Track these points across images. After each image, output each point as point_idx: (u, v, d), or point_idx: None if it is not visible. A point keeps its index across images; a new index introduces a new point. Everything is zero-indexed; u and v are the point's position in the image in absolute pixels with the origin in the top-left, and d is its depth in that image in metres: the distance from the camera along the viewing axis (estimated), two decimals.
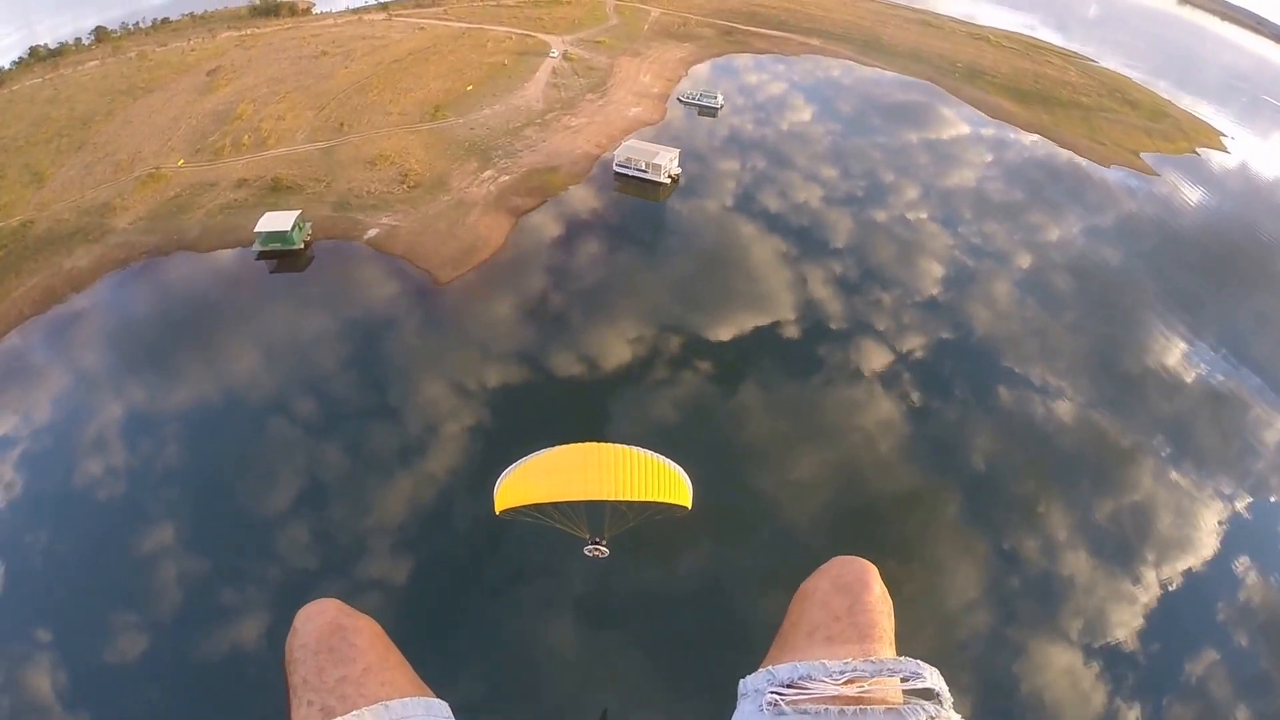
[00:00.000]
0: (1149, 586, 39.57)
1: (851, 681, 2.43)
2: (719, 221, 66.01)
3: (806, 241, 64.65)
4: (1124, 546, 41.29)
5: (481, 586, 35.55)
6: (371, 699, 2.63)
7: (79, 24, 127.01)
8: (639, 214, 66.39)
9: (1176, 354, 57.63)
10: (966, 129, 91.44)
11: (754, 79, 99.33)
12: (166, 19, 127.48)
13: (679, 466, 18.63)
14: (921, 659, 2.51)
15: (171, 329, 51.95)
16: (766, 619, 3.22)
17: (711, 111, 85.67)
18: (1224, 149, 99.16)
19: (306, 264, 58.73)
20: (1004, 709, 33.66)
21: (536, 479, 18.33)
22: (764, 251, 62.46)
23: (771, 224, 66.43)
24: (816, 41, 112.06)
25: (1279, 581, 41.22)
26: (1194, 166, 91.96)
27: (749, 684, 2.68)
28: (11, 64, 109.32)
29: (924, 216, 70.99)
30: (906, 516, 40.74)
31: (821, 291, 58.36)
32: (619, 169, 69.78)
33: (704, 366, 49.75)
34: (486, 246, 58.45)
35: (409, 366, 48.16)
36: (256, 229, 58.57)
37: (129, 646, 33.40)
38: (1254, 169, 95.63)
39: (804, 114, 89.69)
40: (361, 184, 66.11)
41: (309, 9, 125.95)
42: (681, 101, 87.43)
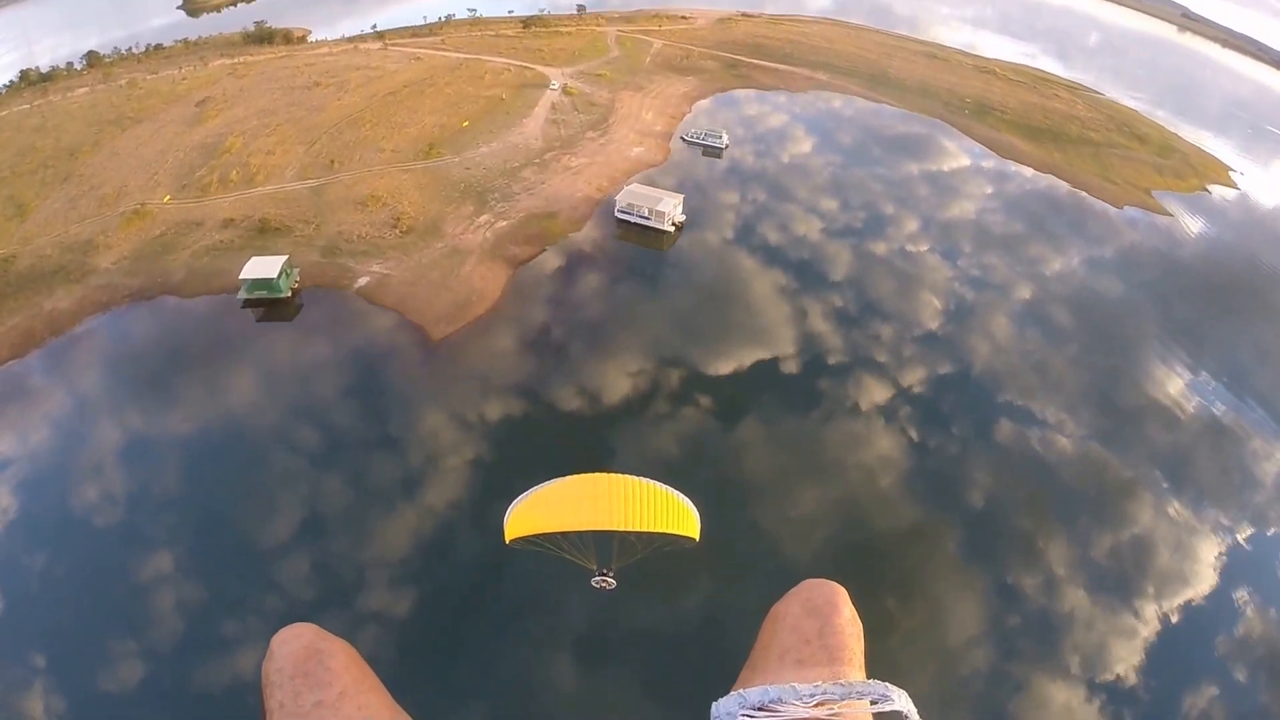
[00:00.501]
0: (1149, 621, 39.73)
1: (822, 704, 2.41)
2: (727, 274, 62.99)
3: (817, 285, 62.67)
4: (1123, 581, 41.43)
5: (483, 622, 35.75)
6: None
7: (79, 44, 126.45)
8: (642, 265, 63.61)
9: (1178, 385, 57.27)
10: (981, 165, 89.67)
11: (760, 116, 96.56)
12: (160, 45, 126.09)
13: (687, 499, 18.07)
14: (920, 695, 2.44)
15: (150, 382, 49.61)
16: None
17: (716, 151, 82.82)
18: (1233, 184, 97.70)
19: (294, 313, 56.24)
20: None
21: (547, 508, 18.02)
22: (773, 302, 60.12)
23: (797, 279, 63.38)
24: (823, 76, 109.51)
25: (1278, 614, 41.37)
26: (1205, 205, 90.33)
27: (721, 707, 2.55)
28: (2, 87, 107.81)
29: (968, 265, 68.66)
30: (907, 552, 40.95)
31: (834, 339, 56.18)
32: (620, 215, 66.93)
33: (719, 439, 47.30)
34: (482, 300, 55.68)
35: (401, 436, 45.41)
36: (242, 275, 55.97)
37: None
38: (1263, 205, 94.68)
39: (810, 152, 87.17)
40: (352, 227, 63.51)
41: (304, 37, 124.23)
42: (685, 141, 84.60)
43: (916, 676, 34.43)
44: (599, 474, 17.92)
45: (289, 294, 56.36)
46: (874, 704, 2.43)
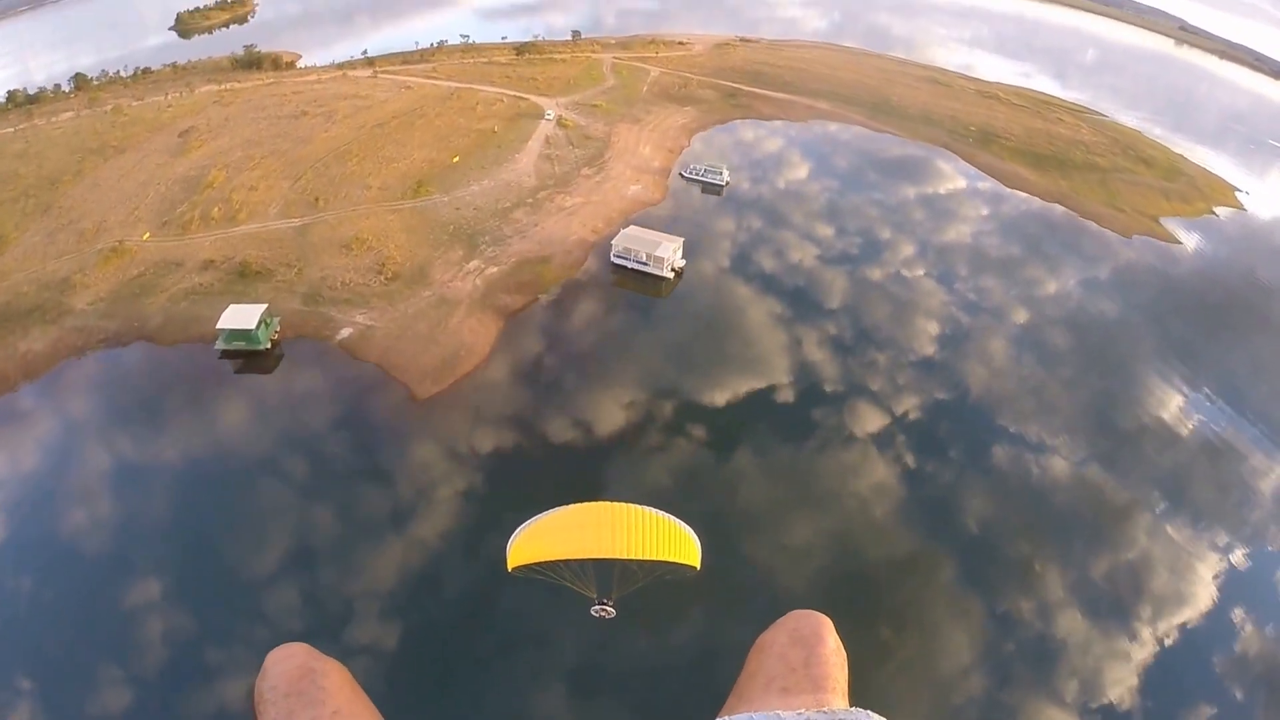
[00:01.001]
0: (1145, 643, 39.47)
1: None
2: (730, 320, 60.24)
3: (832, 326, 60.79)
4: (1119, 604, 41.16)
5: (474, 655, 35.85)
6: None
7: (72, 62, 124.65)
8: (640, 314, 60.92)
9: (1185, 408, 57.20)
10: (986, 195, 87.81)
11: (762, 148, 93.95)
12: (148, 69, 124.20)
13: (688, 527, 17.86)
14: (904, 715, 2.40)
15: (121, 437, 47.76)
16: None
17: (717, 189, 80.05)
18: (1240, 205, 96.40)
19: (274, 365, 53.99)
20: None
21: (550, 536, 17.51)
22: (776, 338, 58.37)
23: (832, 333, 60.97)
24: (825, 105, 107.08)
25: (1275, 633, 41.13)
26: (1213, 228, 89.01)
27: None
28: None
29: (985, 297, 66.69)
30: (902, 580, 40.78)
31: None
32: (617, 260, 64.26)
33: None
34: (471, 356, 53.00)
35: (378, 513, 42.52)
36: (220, 324, 53.64)
37: None
38: (1270, 224, 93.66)
39: (814, 186, 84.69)
40: (335, 272, 60.94)
41: (292, 63, 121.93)
42: (684, 177, 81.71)
43: (911, 705, 34.27)
44: (601, 503, 17.57)
45: (268, 345, 53.93)
46: None
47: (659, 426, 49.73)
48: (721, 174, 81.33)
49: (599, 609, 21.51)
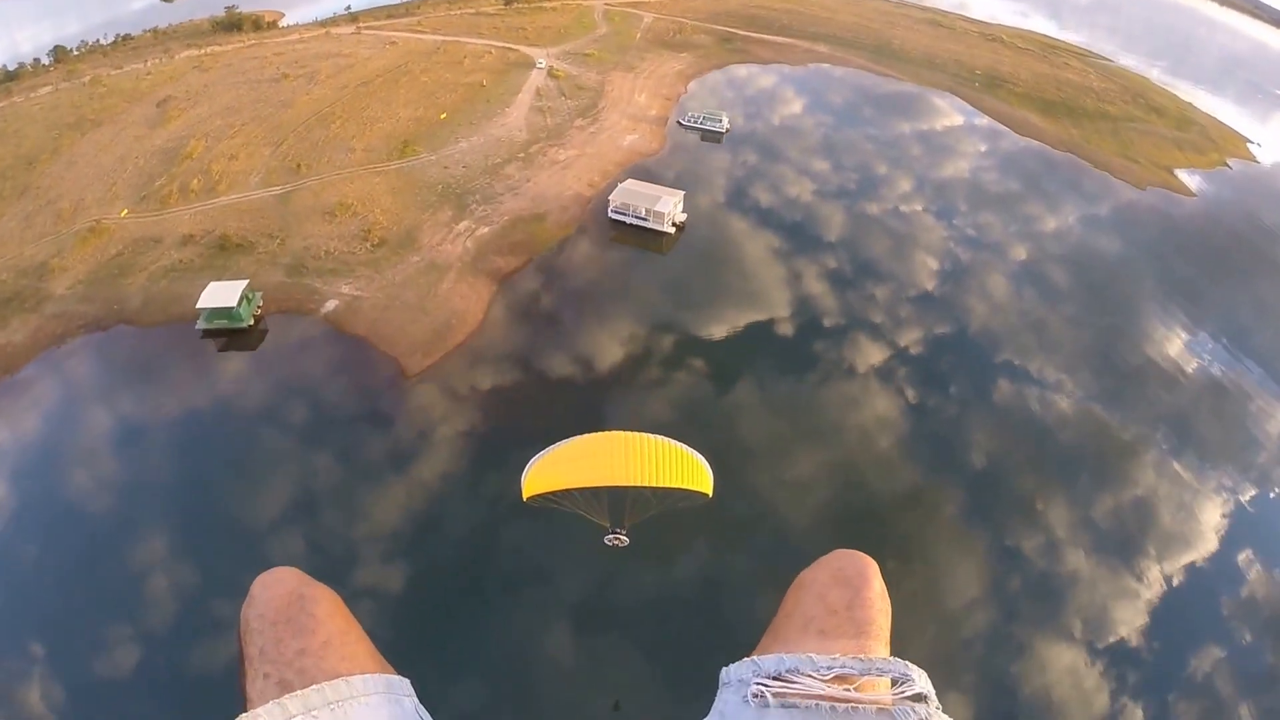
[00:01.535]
0: (1152, 583, 39.12)
1: (839, 679, 2.33)
2: (741, 292, 56.80)
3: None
4: (1126, 542, 40.80)
5: (479, 592, 35.45)
6: (331, 673, 2.40)
7: (58, 32, 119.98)
8: (641, 271, 57.77)
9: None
10: (995, 146, 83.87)
11: (761, 93, 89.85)
12: (128, 35, 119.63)
13: (700, 455, 18.54)
14: (922, 659, 2.38)
15: (99, 431, 45.12)
16: (763, 618, 2.90)
17: (717, 136, 76.42)
18: (1252, 157, 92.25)
19: (258, 342, 51.21)
20: (1007, 710, 33.24)
21: (564, 465, 18.32)
22: (778, 278, 56.16)
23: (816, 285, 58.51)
24: (824, 48, 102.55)
25: None
26: (1229, 181, 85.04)
27: (732, 673, 2.52)
28: None
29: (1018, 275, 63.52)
30: (905, 514, 40.51)
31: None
32: (615, 215, 60.94)
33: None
34: (463, 324, 50.07)
35: (366, 499, 40.09)
36: (200, 303, 50.92)
37: None
38: None
39: (820, 134, 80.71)
40: (319, 241, 57.90)
41: (274, 22, 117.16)
42: (682, 125, 77.88)
43: (916, 640, 33.71)
44: (615, 431, 18.73)
45: (251, 322, 51.31)
46: (895, 684, 2.30)
47: (658, 361, 48.85)
48: (721, 121, 77.51)
49: (613, 538, 22.08)
